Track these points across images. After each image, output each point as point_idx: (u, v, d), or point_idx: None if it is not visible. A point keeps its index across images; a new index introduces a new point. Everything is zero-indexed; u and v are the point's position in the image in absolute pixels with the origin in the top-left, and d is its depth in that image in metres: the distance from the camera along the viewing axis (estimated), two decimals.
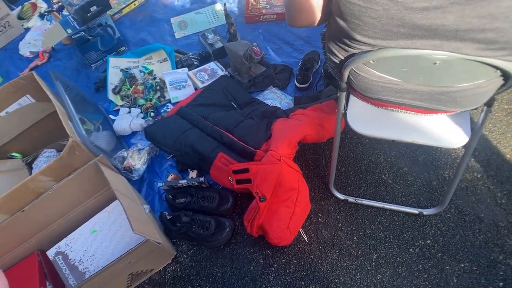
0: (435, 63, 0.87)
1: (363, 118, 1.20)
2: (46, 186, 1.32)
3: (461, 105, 1.03)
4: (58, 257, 1.35)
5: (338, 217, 1.51)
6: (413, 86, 0.99)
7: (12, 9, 2.81)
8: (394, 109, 1.13)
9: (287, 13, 1.07)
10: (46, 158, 1.65)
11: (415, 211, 1.46)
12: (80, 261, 1.35)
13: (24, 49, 2.63)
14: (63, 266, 1.35)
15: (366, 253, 1.42)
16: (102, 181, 1.32)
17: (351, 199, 1.51)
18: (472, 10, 0.74)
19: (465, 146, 1.13)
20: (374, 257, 1.41)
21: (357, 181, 1.59)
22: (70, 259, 1.35)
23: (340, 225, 1.49)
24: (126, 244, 1.31)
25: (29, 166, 1.73)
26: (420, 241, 1.42)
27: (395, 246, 1.42)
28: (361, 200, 1.51)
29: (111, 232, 1.35)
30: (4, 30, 2.67)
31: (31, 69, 2.46)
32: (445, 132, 1.14)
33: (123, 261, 1.17)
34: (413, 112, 1.14)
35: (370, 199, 1.51)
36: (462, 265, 1.34)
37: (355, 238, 1.45)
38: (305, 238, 1.47)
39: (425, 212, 1.45)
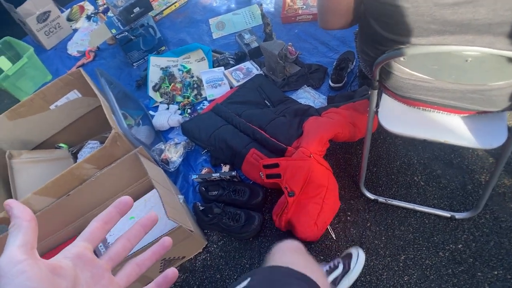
0: (466, 60, 0.86)
1: (394, 117, 1.21)
2: (89, 174, 1.42)
3: (496, 105, 1.01)
4: (100, 245, 1.44)
5: (367, 216, 1.51)
6: (445, 84, 0.98)
7: (62, 12, 3.00)
8: (426, 109, 1.13)
9: (320, 16, 1.09)
10: (90, 149, 1.76)
11: (447, 214, 1.44)
12: (109, 243, 1.43)
13: (72, 49, 2.81)
14: (102, 249, 1.43)
15: (394, 254, 1.41)
16: (141, 171, 1.40)
17: (381, 199, 1.51)
18: (505, 3, 0.73)
19: (502, 149, 1.11)
20: (402, 258, 1.40)
21: (388, 182, 1.58)
22: (109, 242, 1.44)
23: (369, 224, 1.49)
24: (160, 231, 1.38)
25: (74, 156, 1.86)
26: (451, 245, 1.39)
27: (424, 248, 1.40)
28: (391, 201, 1.50)
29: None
30: (55, 31, 2.86)
31: (78, 67, 2.62)
32: (479, 133, 1.12)
33: None
34: (445, 112, 1.13)
35: (401, 200, 1.50)
36: (496, 273, 1.31)
37: (383, 238, 1.45)
38: (333, 235, 1.48)
39: (458, 216, 1.42)
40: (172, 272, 0.41)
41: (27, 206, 0.33)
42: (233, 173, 1.58)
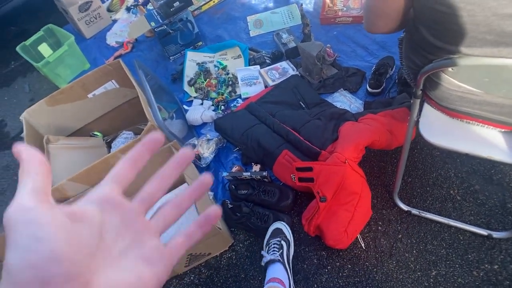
0: None
1: (436, 128, 1.16)
2: None
3: None
4: None
5: (399, 228, 1.47)
6: (494, 98, 0.94)
7: (103, 2, 3.06)
8: (470, 122, 1.08)
9: (366, 19, 1.05)
10: (124, 139, 1.79)
11: (483, 232, 1.38)
12: None
13: (111, 39, 2.86)
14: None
15: (424, 268, 1.37)
16: None
17: (414, 211, 1.47)
18: None
19: None
20: (433, 273, 1.35)
21: (423, 194, 1.53)
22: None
23: (400, 236, 1.45)
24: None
25: (108, 145, 1.89)
26: (486, 265, 1.33)
27: (457, 265, 1.35)
28: (425, 214, 1.45)
29: None
30: (95, 21, 2.93)
31: (116, 57, 2.67)
32: None
33: None
34: (491, 127, 1.08)
35: (435, 214, 1.45)
36: None
37: (414, 251, 1.41)
38: (362, 245, 1.45)
39: (495, 235, 1.36)
40: (214, 210, 0.36)
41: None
42: (264, 173, 1.57)
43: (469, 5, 0.75)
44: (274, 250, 1.39)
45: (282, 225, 1.47)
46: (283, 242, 1.42)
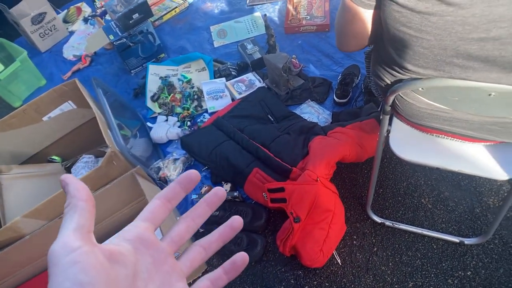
0: (490, 95, 0.81)
1: (406, 143, 1.16)
2: None
3: None
4: None
5: (374, 240, 1.46)
6: (464, 115, 0.94)
7: (58, 13, 2.91)
8: (440, 136, 1.08)
9: (337, 39, 1.07)
10: (84, 164, 1.69)
11: (455, 239, 1.39)
12: None
13: (68, 52, 2.72)
14: None
15: (401, 281, 1.36)
16: (138, 191, 1.33)
17: (388, 223, 1.46)
18: None
19: None
20: (410, 285, 1.35)
21: (395, 204, 1.53)
22: None
23: (375, 249, 1.44)
24: None
25: (68, 170, 1.78)
26: (460, 272, 1.34)
27: (432, 275, 1.36)
28: (398, 225, 1.45)
29: None
30: (50, 33, 2.77)
31: (74, 72, 2.54)
32: (494, 163, 1.08)
33: None
34: (460, 140, 1.08)
35: (408, 224, 1.45)
36: None
37: (390, 264, 1.40)
38: (339, 261, 1.43)
39: (467, 241, 1.38)
40: (241, 257, 0.35)
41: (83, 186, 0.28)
42: (235, 193, 1.52)
43: (436, 30, 0.74)
44: None
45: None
46: None
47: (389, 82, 0.99)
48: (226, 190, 1.59)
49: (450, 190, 1.53)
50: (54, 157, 1.79)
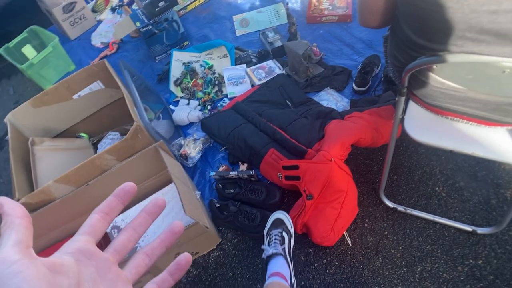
0: (504, 72, 0.83)
1: (420, 125, 1.18)
2: (110, 164, 1.42)
3: None
4: (114, 230, 1.45)
5: (385, 224, 1.48)
6: (478, 94, 0.95)
7: (87, 3, 3.03)
8: (455, 118, 1.09)
9: (358, 14, 1.10)
10: (110, 140, 1.77)
11: (468, 228, 1.40)
12: None
13: (96, 40, 2.83)
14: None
15: (410, 264, 1.38)
16: (160, 164, 1.40)
17: (400, 208, 1.48)
18: None
19: None
20: (419, 269, 1.37)
21: (409, 191, 1.55)
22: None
23: (386, 233, 1.46)
24: None
25: (95, 146, 1.87)
26: (471, 260, 1.35)
27: (442, 261, 1.37)
28: (410, 210, 1.47)
29: (164, 212, 1.43)
30: (80, 22, 2.89)
31: (101, 58, 2.64)
32: (510, 146, 1.09)
33: None
34: (475, 123, 1.09)
35: (421, 210, 1.47)
36: None
37: (400, 248, 1.42)
38: (349, 242, 1.46)
39: (480, 230, 1.38)
40: (185, 258, 0.37)
41: (20, 205, 0.30)
42: (251, 172, 1.57)
43: (448, 2, 0.76)
44: (275, 243, 1.36)
45: (283, 215, 1.43)
46: (284, 234, 1.38)
47: (404, 61, 1.01)
48: (242, 169, 1.64)
49: (466, 180, 1.54)
50: (82, 134, 1.89)
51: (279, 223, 1.41)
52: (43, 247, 1.47)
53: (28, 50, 2.57)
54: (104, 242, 1.44)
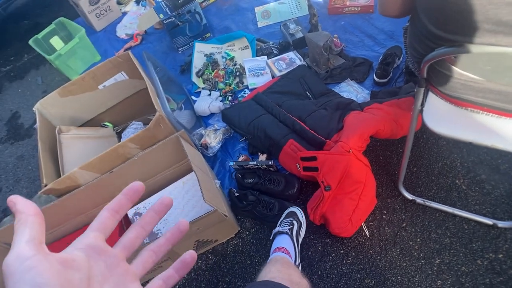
0: None
1: (440, 117, 1.17)
2: (132, 153, 1.47)
3: None
4: (136, 217, 1.50)
5: (404, 216, 1.48)
6: (497, 85, 0.94)
7: None
8: (475, 110, 1.08)
9: (379, 2, 1.10)
10: (133, 129, 1.83)
11: (489, 221, 1.38)
12: (157, 228, 1.49)
13: (121, 31, 2.89)
14: (146, 241, 1.49)
15: (428, 257, 1.38)
16: (181, 153, 1.44)
17: (419, 200, 1.48)
18: None
19: None
20: (437, 262, 1.36)
21: (428, 183, 1.54)
22: (159, 230, 1.50)
23: (404, 224, 1.46)
24: (196, 213, 1.42)
25: (119, 135, 1.94)
26: (491, 254, 1.34)
27: (461, 254, 1.36)
28: (429, 203, 1.46)
29: (184, 201, 1.47)
30: (105, 13, 2.96)
31: (126, 50, 2.71)
32: None
33: (192, 227, 1.28)
34: (495, 115, 1.08)
35: (440, 203, 1.46)
36: None
37: (418, 240, 1.42)
38: (367, 233, 1.47)
39: (501, 224, 1.37)
40: (190, 255, 0.39)
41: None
42: (270, 162, 1.59)
43: None
44: (284, 226, 1.43)
45: (296, 209, 1.50)
46: (294, 222, 1.44)
47: (422, 52, 1.01)
48: (261, 159, 1.67)
49: (488, 173, 1.51)
50: (106, 123, 1.96)
51: (291, 214, 1.48)
52: (68, 232, 1.53)
53: (56, 41, 2.66)
54: (126, 225, 1.49)
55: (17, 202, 0.31)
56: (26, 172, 2.33)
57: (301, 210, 1.50)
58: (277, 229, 1.43)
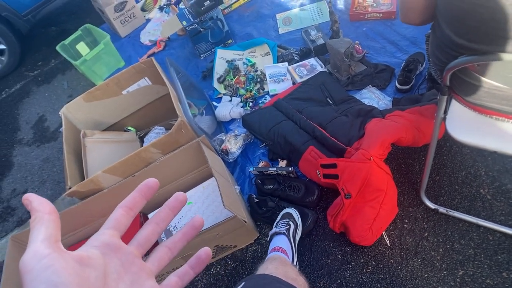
0: None
1: (463, 125, 1.15)
2: (154, 157, 1.50)
3: None
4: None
5: (426, 226, 1.45)
6: None
7: (137, 2, 3.17)
8: (500, 118, 1.06)
9: (400, 10, 1.11)
10: (156, 134, 1.86)
11: None
12: (174, 227, 1.51)
13: (144, 38, 2.96)
14: (163, 238, 1.52)
15: (451, 268, 1.35)
16: (202, 159, 1.46)
17: (442, 210, 1.45)
18: None
19: None
20: (460, 273, 1.33)
21: (451, 192, 1.51)
22: (171, 228, 1.52)
23: (426, 234, 1.44)
24: (216, 218, 1.44)
25: (141, 139, 1.98)
26: None
27: (485, 266, 1.33)
28: (453, 212, 1.43)
29: (204, 206, 1.49)
30: (130, 20, 3.04)
31: (149, 55, 2.76)
32: None
33: (211, 232, 1.29)
34: None
35: (464, 213, 1.43)
36: None
37: (441, 250, 1.39)
38: (387, 242, 1.45)
39: None
40: (205, 252, 0.39)
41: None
42: (290, 169, 1.60)
43: (488, 2, 0.75)
44: (281, 227, 1.45)
45: (292, 210, 1.53)
46: (291, 223, 1.47)
47: (445, 60, 1.00)
48: (281, 165, 1.67)
49: None
50: (129, 127, 2.00)
51: (287, 215, 1.50)
52: (91, 234, 1.56)
53: (82, 47, 2.74)
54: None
55: (33, 200, 0.31)
56: (51, 174, 2.40)
57: (296, 212, 1.52)
58: (274, 230, 1.45)
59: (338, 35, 2.02)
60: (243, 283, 0.71)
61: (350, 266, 1.44)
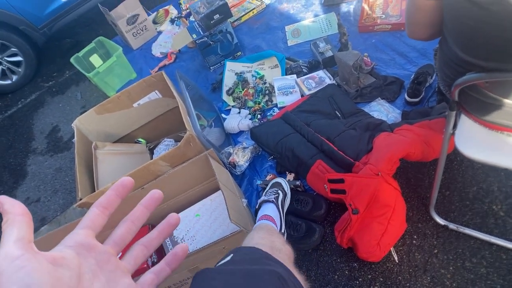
0: None
1: (473, 140, 1.12)
2: (163, 170, 1.52)
3: None
4: (168, 241, 1.53)
5: (435, 242, 1.43)
6: None
7: (149, 15, 3.23)
8: (511, 134, 1.04)
9: (406, 26, 1.10)
10: (165, 146, 1.88)
11: None
12: (182, 239, 1.51)
13: (156, 50, 3.01)
14: (167, 241, 1.52)
15: (462, 287, 1.32)
16: (209, 171, 1.46)
17: (452, 226, 1.42)
18: None
19: None
20: None
21: (462, 208, 1.48)
22: (174, 236, 1.53)
23: (436, 251, 1.41)
24: (223, 231, 1.43)
25: (151, 151, 2.00)
26: None
27: (498, 286, 1.29)
28: (463, 229, 1.40)
29: (211, 218, 1.49)
30: (142, 33, 3.10)
31: (160, 68, 2.80)
32: None
33: (217, 246, 1.29)
34: None
35: (475, 230, 1.39)
36: None
37: (451, 268, 1.36)
38: (396, 258, 1.43)
39: None
40: (181, 249, 0.40)
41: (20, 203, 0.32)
42: (297, 183, 1.59)
43: (497, 20, 0.74)
44: (270, 195, 1.47)
45: (281, 180, 1.59)
46: (280, 191, 1.49)
47: (452, 76, 0.99)
48: (289, 179, 1.66)
49: None
50: (140, 139, 2.02)
51: (277, 184, 1.53)
52: None
53: (95, 59, 2.80)
54: (158, 254, 1.51)
55: (5, 202, 0.31)
56: (63, 184, 2.44)
57: (286, 181, 1.58)
58: (263, 198, 1.47)
59: (346, 47, 2.02)
60: (231, 255, 0.70)
61: (357, 282, 1.42)
